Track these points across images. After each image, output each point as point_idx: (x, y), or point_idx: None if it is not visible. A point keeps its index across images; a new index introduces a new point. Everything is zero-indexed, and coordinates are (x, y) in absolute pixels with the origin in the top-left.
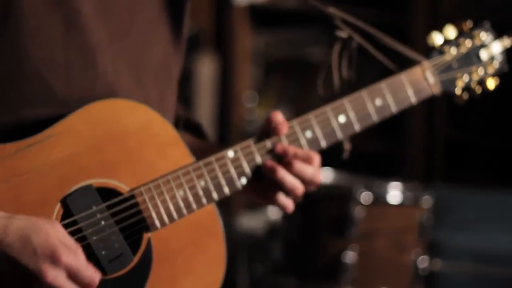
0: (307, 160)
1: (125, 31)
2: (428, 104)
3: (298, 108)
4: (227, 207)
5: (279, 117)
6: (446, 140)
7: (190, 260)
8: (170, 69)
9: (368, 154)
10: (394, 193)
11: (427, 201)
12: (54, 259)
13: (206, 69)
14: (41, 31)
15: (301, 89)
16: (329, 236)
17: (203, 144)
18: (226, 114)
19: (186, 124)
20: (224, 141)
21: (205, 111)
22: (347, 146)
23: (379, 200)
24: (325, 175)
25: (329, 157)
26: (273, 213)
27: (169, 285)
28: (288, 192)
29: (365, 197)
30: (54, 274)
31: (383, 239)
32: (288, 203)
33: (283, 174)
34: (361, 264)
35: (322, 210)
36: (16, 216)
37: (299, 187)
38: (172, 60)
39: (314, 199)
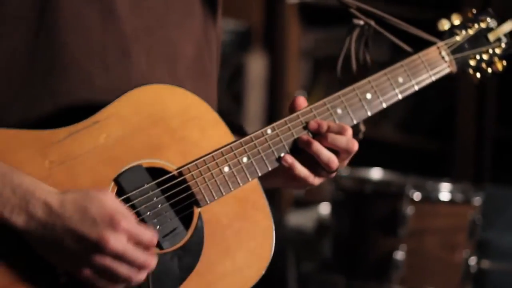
0: (340, 132)
1: (160, 24)
2: (478, 105)
3: None
4: (277, 204)
5: (297, 99)
6: (495, 140)
7: (240, 234)
8: (204, 64)
9: (419, 153)
10: (445, 192)
11: (477, 200)
12: (113, 225)
13: (256, 66)
14: (79, 20)
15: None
16: (379, 234)
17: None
18: (276, 111)
19: (230, 127)
20: None
21: (255, 107)
22: (362, 127)
23: (430, 199)
24: (377, 174)
25: (381, 156)
26: (323, 210)
27: (222, 257)
28: (324, 164)
29: (416, 195)
30: (115, 239)
31: (433, 237)
32: (317, 178)
33: (318, 146)
34: (410, 263)
35: (372, 208)
36: (69, 190)
37: (334, 160)
38: (206, 55)
39: (365, 197)
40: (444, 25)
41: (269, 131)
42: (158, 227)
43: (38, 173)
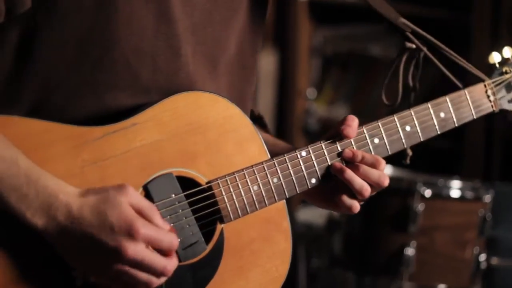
0: (374, 165)
1: (206, 21)
2: None
3: (356, 103)
4: (287, 200)
5: (352, 121)
6: (505, 138)
7: (258, 254)
8: (245, 59)
9: (429, 151)
10: (455, 189)
11: (487, 197)
12: (132, 233)
13: (267, 63)
14: (134, 19)
15: (360, 84)
16: (389, 230)
17: (267, 137)
18: (286, 108)
19: (250, 116)
20: (283, 135)
21: (265, 104)
22: (409, 152)
23: (440, 195)
24: (388, 170)
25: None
26: None
27: (237, 275)
28: (356, 192)
29: (427, 192)
30: (134, 249)
31: (444, 234)
32: (354, 204)
33: (351, 175)
34: (420, 259)
35: (383, 205)
36: (90, 191)
37: (367, 188)
38: (248, 50)
39: (376, 193)
40: (494, 58)
41: (303, 153)
42: (179, 239)
43: (69, 170)
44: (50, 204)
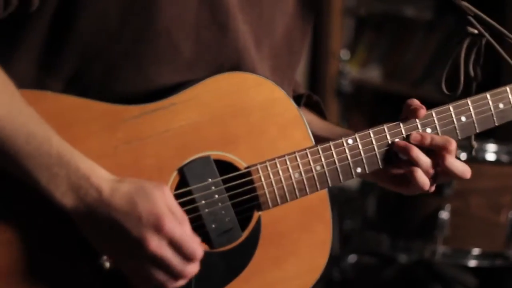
0: (445, 145)
1: (255, 0)
2: None
3: (389, 65)
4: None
5: (416, 101)
6: None
7: (296, 243)
8: (292, 42)
9: None
10: (491, 153)
11: None
12: (158, 227)
13: None
14: None
15: (393, 46)
16: (424, 193)
17: (322, 123)
18: (319, 70)
19: (307, 101)
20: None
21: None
22: (474, 144)
23: (476, 159)
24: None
25: None
26: None
27: (273, 265)
28: (425, 171)
29: (462, 155)
30: (157, 244)
31: (478, 198)
32: (425, 180)
33: (417, 152)
34: (455, 223)
35: None
36: (126, 179)
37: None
38: (296, 33)
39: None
40: None
41: (350, 141)
42: (213, 225)
43: (103, 150)
44: (80, 186)
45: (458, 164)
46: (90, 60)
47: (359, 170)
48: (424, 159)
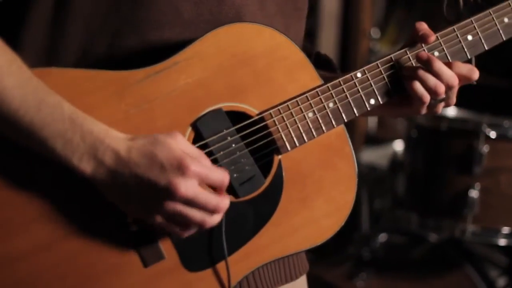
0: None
1: None
2: None
3: None
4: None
5: (424, 25)
6: None
7: (320, 182)
8: (296, 1)
9: (494, 92)
10: None
11: None
12: (182, 170)
13: (330, 2)
14: None
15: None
16: (453, 172)
17: (335, 76)
18: (349, 48)
19: (316, 59)
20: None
21: (328, 44)
22: (473, 63)
23: (506, 137)
24: (452, 111)
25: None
26: (397, 147)
27: (301, 206)
28: (431, 89)
29: (492, 133)
30: (185, 185)
31: (508, 176)
32: (425, 94)
33: (439, 64)
34: (485, 201)
35: (447, 146)
36: (139, 136)
37: (439, 84)
38: None
39: (440, 134)
40: None
41: (359, 74)
42: (235, 174)
43: (114, 116)
44: (96, 149)
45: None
46: (93, 34)
47: (372, 101)
48: (447, 71)
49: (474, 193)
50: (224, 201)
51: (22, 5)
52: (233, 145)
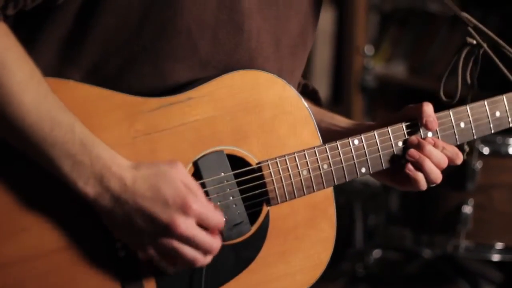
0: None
1: (272, 0)
2: None
3: (413, 61)
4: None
5: (431, 110)
6: None
7: (302, 239)
8: (305, 41)
9: None
10: None
11: None
12: (185, 209)
13: (324, 20)
14: None
15: (418, 42)
16: (447, 188)
17: (315, 108)
18: (343, 65)
19: (303, 89)
20: (340, 92)
21: (322, 61)
22: (466, 148)
23: (499, 153)
24: None
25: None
26: None
27: (279, 259)
28: (431, 181)
29: (485, 150)
30: (185, 224)
31: (502, 192)
32: (422, 179)
33: (430, 148)
34: (478, 217)
35: None
36: (142, 165)
37: (440, 177)
38: (309, 32)
39: None
40: None
41: (356, 141)
42: (224, 218)
43: (121, 140)
44: (102, 175)
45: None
46: (110, 53)
47: (363, 170)
48: (437, 154)
49: (467, 209)
50: (217, 243)
51: (43, 17)
52: (228, 190)
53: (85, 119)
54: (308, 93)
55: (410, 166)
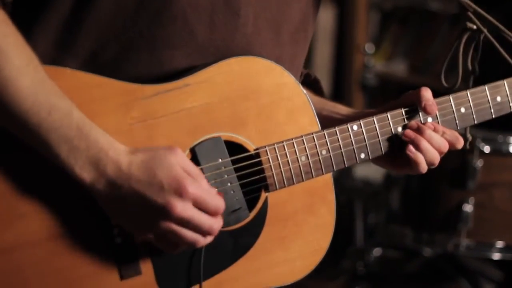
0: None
1: None
2: None
3: (414, 59)
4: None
5: (430, 94)
6: None
7: (301, 225)
8: (306, 29)
9: None
10: None
11: None
12: (180, 191)
13: (325, 18)
14: None
15: (418, 40)
16: (448, 186)
17: (316, 98)
18: (344, 63)
19: (305, 79)
20: (341, 90)
21: (323, 59)
22: (469, 137)
23: (500, 152)
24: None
25: None
26: None
27: (278, 245)
28: (430, 162)
29: (486, 148)
30: (182, 207)
31: (502, 191)
32: (423, 162)
33: (426, 144)
34: (478, 216)
35: (442, 160)
36: (140, 150)
37: (437, 157)
38: (310, 20)
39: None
40: None
41: (355, 127)
42: None
43: (118, 126)
44: (99, 159)
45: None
46: (106, 40)
47: (362, 155)
48: (437, 138)
49: (468, 208)
50: (217, 223)
51: (40, 4)
52: (226, 176)
53: (81, 107)
54: (309, 82)
55: (411, 147)
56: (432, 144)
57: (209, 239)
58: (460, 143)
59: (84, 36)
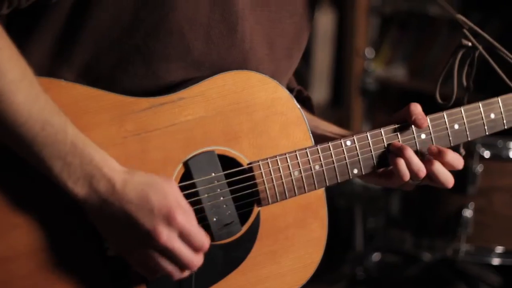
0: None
1: (264, 1)
2: None
3: (413, 63)
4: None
5: (419, 109)
6: None
7: (292, 239)
8: (301, 40)
9: None
10: None
11: None
12: (169, 219)
13: (325, 22)
14: None
15: (418, 45)
16: (447, 191)
17: (308, 115)
18: (343, 68)
19: (297, 95)
20: (340, 95)
21: (322, 63)
22: (462, 151)
23: (500, 157)
24: None
25: None
26: None
27: (269, 259)
28: (414, 173)
29: (486, 153)
30: (168, 235)
31: (502, 196)
32: (407, 172)
33: (410, 153)
34: (478, 221)
35: None
36: (137, 172)
37: (423, 170)
38: (304, 31)
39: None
40: None
41: (348, 142)
42: (214, 218)
43: (111, 140)
44: (92, 176)
45: (443, 172)
46: (102, 53)
47: (355, 171)
48: (416, 161)
49: (468, 213)
50: (198, 260)
51: (36, 15)
52: (219, 190)
53: (75, 119)
54: (301, 99)
55: (392, 155)
56: (412, 166)
57: (185, 273)
58: (461, 164)
59: (80, 48)
